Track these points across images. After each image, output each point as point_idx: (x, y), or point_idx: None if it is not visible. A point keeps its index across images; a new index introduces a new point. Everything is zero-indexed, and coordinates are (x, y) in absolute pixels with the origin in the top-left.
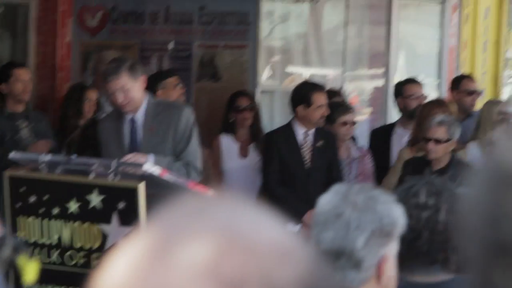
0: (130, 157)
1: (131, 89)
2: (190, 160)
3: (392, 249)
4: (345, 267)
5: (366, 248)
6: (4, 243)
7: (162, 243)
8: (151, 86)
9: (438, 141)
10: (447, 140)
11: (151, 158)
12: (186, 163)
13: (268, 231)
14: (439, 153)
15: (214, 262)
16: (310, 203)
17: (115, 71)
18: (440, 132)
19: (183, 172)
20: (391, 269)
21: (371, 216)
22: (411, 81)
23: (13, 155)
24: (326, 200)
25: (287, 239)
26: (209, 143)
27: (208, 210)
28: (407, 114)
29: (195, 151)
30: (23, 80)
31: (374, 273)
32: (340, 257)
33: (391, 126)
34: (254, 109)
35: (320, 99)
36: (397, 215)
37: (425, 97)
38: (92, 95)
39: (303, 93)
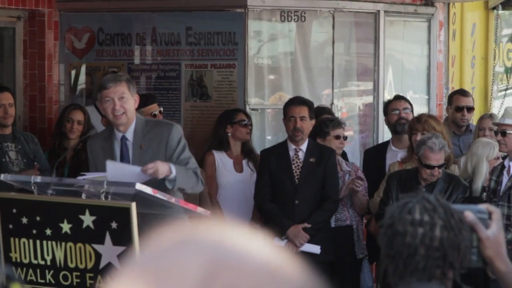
0: (152, 166)
1: (128, 100)
2: (194, 170)
3: None
4: None
5: None
6: None
7: (157, 268)
8: None
9: (440, 166)
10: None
11: (172, 166)
12: (194, 172)
13: (257, 251)
14: (440, 174)
15: (206, 280)
16: (296, 218)
17: (116, 79)
18: (441, 157)
19: (195, 179)
20: None
21: None
22: (394, 98)
23: (4, 177)
24: None
25: (276, 257)
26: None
27: (199, 234)
28: (391, 129)
29: (195, 163)
30: (3, 104)
31: None
32: None
33: (384, 144)
34: (251, 125)
35: (290, 111)
36: None
37: (408, 112)
38: (77, 115)
39: (284, 108)
